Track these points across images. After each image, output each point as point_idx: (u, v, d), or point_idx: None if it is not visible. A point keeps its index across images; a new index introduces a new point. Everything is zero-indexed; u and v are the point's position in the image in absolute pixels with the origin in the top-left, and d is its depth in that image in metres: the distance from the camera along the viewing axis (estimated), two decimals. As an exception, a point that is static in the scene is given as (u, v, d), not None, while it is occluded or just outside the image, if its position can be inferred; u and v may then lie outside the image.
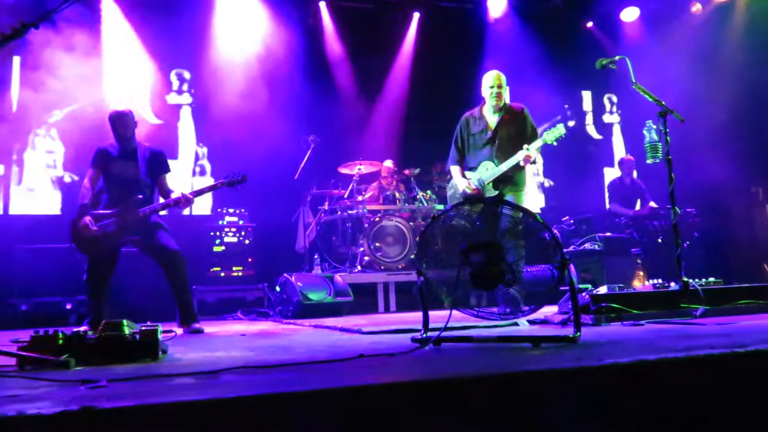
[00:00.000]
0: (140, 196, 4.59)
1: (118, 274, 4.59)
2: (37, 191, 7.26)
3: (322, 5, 8.73)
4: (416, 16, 9.18)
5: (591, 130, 10.22)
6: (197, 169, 8.09)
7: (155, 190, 4.78)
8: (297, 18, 8.45)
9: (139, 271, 5.71)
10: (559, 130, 4.54)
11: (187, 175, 8.02)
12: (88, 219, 4.41)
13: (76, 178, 7.27)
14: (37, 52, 6.61)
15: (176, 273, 4.49)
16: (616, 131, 10.36)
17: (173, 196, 4.60)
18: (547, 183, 9.79)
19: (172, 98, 8.08)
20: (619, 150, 10.19)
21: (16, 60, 7.25)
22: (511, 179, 4.78)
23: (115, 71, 7.63)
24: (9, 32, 3.00)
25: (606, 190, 8.09)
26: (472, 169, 4.92)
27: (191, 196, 4.53)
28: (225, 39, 8.09)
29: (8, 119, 7.16)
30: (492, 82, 4.85)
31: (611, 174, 9.37)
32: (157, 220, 4.64)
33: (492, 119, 4.90)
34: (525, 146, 4.59)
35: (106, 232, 4.45)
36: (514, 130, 4.82)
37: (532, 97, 7.29)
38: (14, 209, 7.12)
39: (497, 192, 4.72)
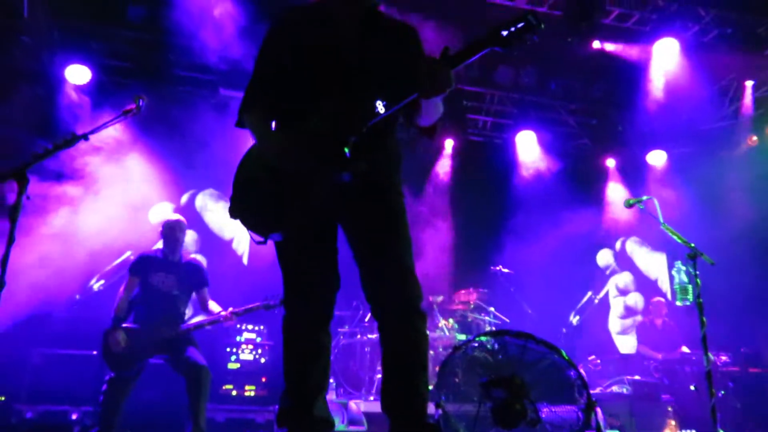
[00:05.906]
0: (176, 312, 4.55)
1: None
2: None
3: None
4: (449, 143, 9.13)
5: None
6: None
7: (188, 304, 4.73)
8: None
9: (153, 383, 5.55)
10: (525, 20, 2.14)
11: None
12: (120, 335, 4.33)
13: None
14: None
15: (199, 389, 4.34)
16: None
17: (214, 310, 4.55)
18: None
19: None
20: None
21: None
22: (385, 147, 2.42)
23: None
24: (61, 142, 3.22)
25: (635, 331, 7.85)
26: (297, 117, 2.35)
27: (233, 316, 4.45)
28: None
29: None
30: None
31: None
32: (188, 334, 4.56)
33: (348, 14, 2.39)
34: (445, 48, 2.16)
35: (137, 348, 4.35)
36: (397, 46, 2.38)
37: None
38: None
39: (365, 168, 2.25)
